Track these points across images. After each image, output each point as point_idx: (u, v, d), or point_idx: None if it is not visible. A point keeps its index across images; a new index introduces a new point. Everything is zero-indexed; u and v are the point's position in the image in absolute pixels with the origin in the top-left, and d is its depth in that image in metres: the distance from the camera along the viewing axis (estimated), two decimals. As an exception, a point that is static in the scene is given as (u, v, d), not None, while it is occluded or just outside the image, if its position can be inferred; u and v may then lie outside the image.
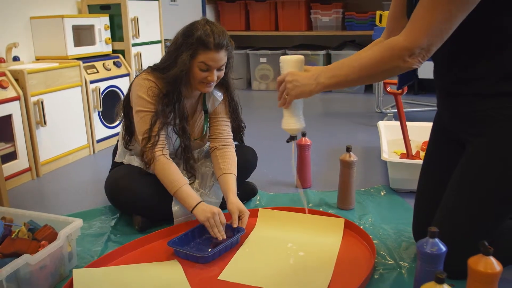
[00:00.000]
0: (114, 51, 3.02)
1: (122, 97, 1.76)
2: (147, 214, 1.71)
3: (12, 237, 1.40)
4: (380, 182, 2.16)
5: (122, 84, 2.91)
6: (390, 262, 1.47)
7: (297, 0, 4.61)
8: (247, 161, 1.92)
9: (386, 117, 3.19)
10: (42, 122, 2.34)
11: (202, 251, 1.50)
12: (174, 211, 1.67)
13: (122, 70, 2.92)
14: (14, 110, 2.20)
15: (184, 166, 1.73)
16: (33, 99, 2.29)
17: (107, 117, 2.82)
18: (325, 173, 2.31)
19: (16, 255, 1.30)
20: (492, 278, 1.05)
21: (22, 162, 2.28)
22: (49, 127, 2.40)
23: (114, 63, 2.89)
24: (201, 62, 1.60)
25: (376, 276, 1.40)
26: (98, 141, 2.77)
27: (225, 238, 1.54)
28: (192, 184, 1.74)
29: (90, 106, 2.68)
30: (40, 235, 1.40)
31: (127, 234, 1.70)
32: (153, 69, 1.70)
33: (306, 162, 2.11)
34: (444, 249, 1.14)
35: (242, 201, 1.89)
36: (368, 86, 4.48)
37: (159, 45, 3.33)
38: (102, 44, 2.89)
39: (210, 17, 4.98)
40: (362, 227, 1.63)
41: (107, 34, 2.92)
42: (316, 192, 2.06)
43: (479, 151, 1.29)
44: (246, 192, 1.95)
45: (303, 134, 2.07)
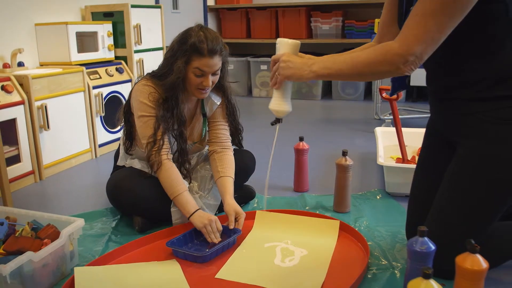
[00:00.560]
0: (117, 58, 3.08)
1: (124, 102, 1.81)
2: (147, 215, 1.75)
3: (16, 235, 1.44)
4: (376, 186, 2.20)
5: (124, 90, 2.96)
6: (383, 263, 1.51)
7: (297, 8, 4.67)
8: (246, 165, 1.96)
9: (384, 123, 3.24)
10: (46, 126, 2.39)
11: (200, 252, 1.54)
12: (173, 212, 1.71)
13: (124, 76, 2.98)
14: (18, 114, 2.25)
15: (179, 169, 1.76)
16: (37, 104, 2.34)
17: (109, 122, 2.86)
18: (322, 177, 2.35)
19: (19, 253, 1.34)
20: (478, 275, 1.09)
21: (25, 165, 2.32)
22: (52, 131, 2.45)
23: (117, 69, 2.95)
24: (195, 68, 1.64)
25: (369, 275, 1.43)
26: (100, 145, 2.82)
27: (221, 241, 1.58)
28: (189, 186, 1.78)
29: (92, 111, 2.73)
30: (43, 234, 1.44)
31: (128, 234, 1.74)
32: (151, 75, 1.75)
33: (303, 167, 2.15)
34: (433, 247, 1.17)
35: (240, 204, 1.94)
36: (367, 93, 4.53)
37: (161, 52, 3.39)
38: (105, 50, 2.95)
39: (212, 24, 5.04)
40: (357, 229, 1.67)
41: (110, 41, 2.98)
42: (313, 195, 2.10)
43: (470, 153, 1.33)
44: (245, 195, 1.99)
45: (301, 139, 2.11)
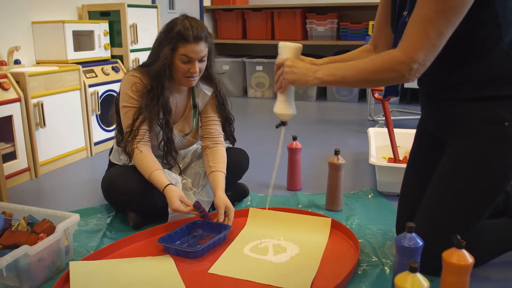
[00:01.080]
0: (113, 57, 3.10)
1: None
2: (141, 211, 1.77)
3: (12, 230, 1.46)
4: (368, 186, 2.23)
5: (120, 88, 2.97)
6: (373, 259, 1.54)
7: (293, 10, 4.70)
8: (239, 163, 1.99)
9: (377, 124, 3.27)
10: (42, 123, 2.40)
11: (191, 247, 1.56)
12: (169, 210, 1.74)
13: (120, 75, 2.99)
14: (14, 111, 2.27)
15: (164, 158, 1.78)
16: (33, 101, 2.36)
17: (105, 120, 2.88)
18: (315, 176, 2.38)
19: (15, 247, 1.35)
20: (464, 270, 1.12)
21: (21, 162, 2.34)
22: (48, 129, 2.47)
23: (113, 68, 2.97)
24: (182, 55, 1.67)
25: (359, 272, 1.46)
26: (95, 143, 2.84)
27: (212, 237, 1.61)
28: (183, 183, 1.81)
29: (88, 109, 2.75)
30: (38, 229, 1.46)
31: (122, 231, 1.76)
32: (140, 66, 1.80)
33: (296, 166, 2.17)
34: (420, 243, 1.20)
35: (234, 201, 1.97)
36: (361, 95, 4.56)
37: (157, 51, 3.40)
38: (101, 49, 2.97)
39: (208, 25, 5.05)
40: (348, 227, 1.70)
41: (106, 40, 3.00)
42: (305, 194, 2.13)
43: (459, 152, 1.36)
44: (238, 193, 2.02)
45: (294, 138, 2.14)
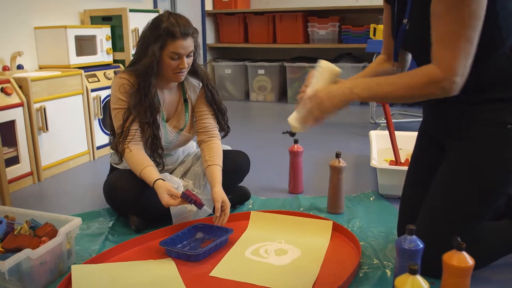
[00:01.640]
0: (115, 61, 3.12)
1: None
2: (143, 215, 1.78)
3: (14, 233, 1.47)
4: (369, 188, 2.23)
5: (122, 93, 2.98)
6: (375, 262, 1.54)
7: (294, 13, 4.71)
8: (240, 166, 1.99)
9: (379, 127, 3.27)
10: (44, 128, 2.42)
11: (193, 250, 1.57)
12: (172, 214, 1.75)
13: (122, 79, 3.00)
14: (17, 116, 2.28)
15: (151, 154, 1.79)
16: (36, 106, 2.37)
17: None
18: (316, 179, 2.38)
19: (18, 250, 1.36)
20: (465, 272, 1.12)
21: (24, 166, 2.35)
22: (51, 133, 2.48)
23: (115, 73, 2.98)
24: (171, 52, 1.69)
25: (361, 274, 1.46)
26: (98, 147, 2.85)
27: (214, 240, 1.62)
28: (184, 185, 1.81)
29: (90, 114, 2.76)
30: (41, 232, 1.47)
31: (124, 234, 1.77)
32: (127, 67, 1.82)
33: (298, 169, 2.18)
34: (421, 245, 1.21)
35: (235, 205, 1.98)
36: (363, 98, 4.56)
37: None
38: (103, 54, 2.98)
39: (210, 29, 5.09)
40: (350, 230, 1.70)
41: (108, 45, 3.02)
42: (307, 197, 2.13)
43: (461, 155, 1.37)
44: (240, 196, 2.02)
45: (295, 141, 2.15)
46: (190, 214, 1.77)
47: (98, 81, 2.83)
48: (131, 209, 1.77)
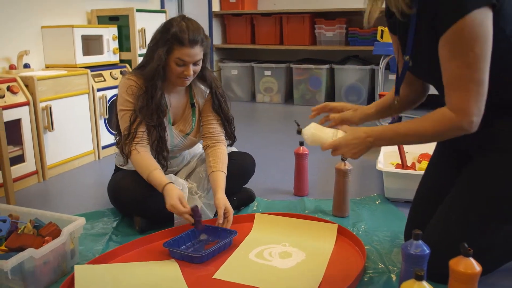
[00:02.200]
0: (122, 61, 3.12)
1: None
2: (148, 215, 1.77)
3: (18, 232, 1.46)
4: (375, 192, 2.21)
5: (128, 92, 2.98)
6: (380, 266, 1.52)
7: (301, 15, 4.70)
8: (246, 168, 1.98)
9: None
10: (50, 127, 2.42)
11: (197, 252, 1.56)
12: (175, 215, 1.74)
13: (128, 79, 3.00)
14: (23, 114, 2.29)
15: (156, 156, 1.77)
16: (41, 105, 2.38)
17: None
18: (322, 182, 2.36)
19: (21, 250, 1.35)
20: (472, 278, 1.11)
21: (29, 165, 2.35)
22: (56, 132, 2.48)
23: (121, 72, 2.98)
24: (177, 58, 1.67)
25: (365, 279, 1.45)
26: (103, 147, 2.85)
27: (217, 242, 1.61)
28: (188, 187, 1.80)
29: (96, 113, 2.76)
30: (44, 232, 1.46)
31: (128, 235, 1.76)
32: (135, 68, 1.81)
33: (303, 171, 2.16)
34: (427, 251, 1.19)
35: (240, 206, 1.97)
36: (370, 99, 4.54)
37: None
38: (110, 53, 2.98)
39: (217, 30, 5.08)
40: (355, 233, 1.69)
41: (115, 44, 3.02)
42: (312, 200, 2.11)
43: (486, 166, 1.35)
44: (245, 198, 2.01)
45: (301, 143, 2.13)
46: None
47: (104, 80, 2.83)
48: (135, 209, 1.77)
